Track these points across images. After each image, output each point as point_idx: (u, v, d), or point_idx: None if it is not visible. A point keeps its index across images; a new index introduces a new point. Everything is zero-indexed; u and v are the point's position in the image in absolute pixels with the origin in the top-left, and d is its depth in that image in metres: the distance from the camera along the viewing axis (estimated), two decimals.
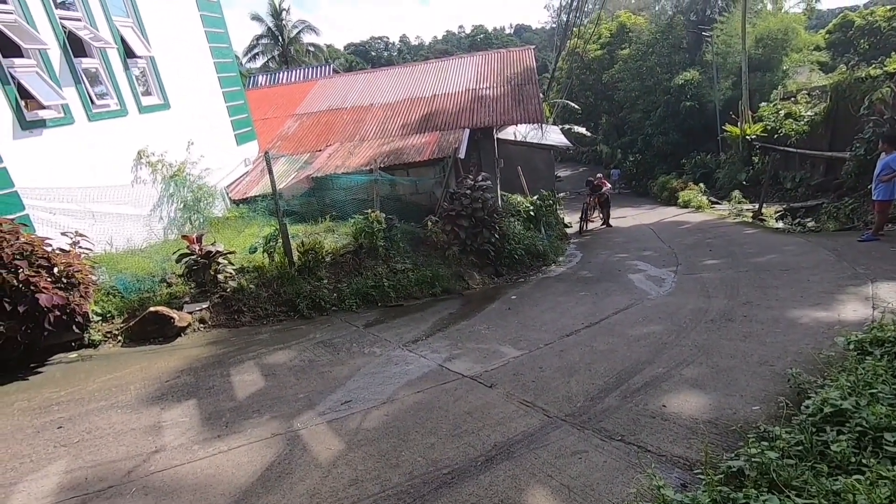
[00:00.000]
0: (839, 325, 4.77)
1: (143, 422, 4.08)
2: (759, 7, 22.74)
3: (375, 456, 3.39)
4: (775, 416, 3.20)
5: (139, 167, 8.90)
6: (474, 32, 78.50)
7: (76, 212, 6.98)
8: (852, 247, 8.10)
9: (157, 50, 9.58)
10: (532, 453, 3.28)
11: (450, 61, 18.31)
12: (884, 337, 3.73)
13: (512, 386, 4.36)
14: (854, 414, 2.82)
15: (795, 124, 15.18)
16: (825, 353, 3.99)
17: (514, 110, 13.43)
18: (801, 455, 2.64)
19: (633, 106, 26.10)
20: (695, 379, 4.12)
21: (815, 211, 12.30)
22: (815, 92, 16.21)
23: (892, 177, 7.98)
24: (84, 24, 8.08)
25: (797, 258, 7.97)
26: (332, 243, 8.11)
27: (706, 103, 21.45)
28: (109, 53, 8.50)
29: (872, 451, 2.52)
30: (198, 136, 10.24)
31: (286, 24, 37.01)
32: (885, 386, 3.06)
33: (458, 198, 9.09)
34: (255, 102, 15.26)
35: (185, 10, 10.83)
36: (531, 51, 17.15)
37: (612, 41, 29.91)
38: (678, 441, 3.23)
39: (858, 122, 11.70)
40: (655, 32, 26.07)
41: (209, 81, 11.38)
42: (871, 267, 6.66)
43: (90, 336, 5.92)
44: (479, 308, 7.26)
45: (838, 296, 5.76)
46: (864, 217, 10.05)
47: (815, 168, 14.34)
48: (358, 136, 13.40)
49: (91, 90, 8.12)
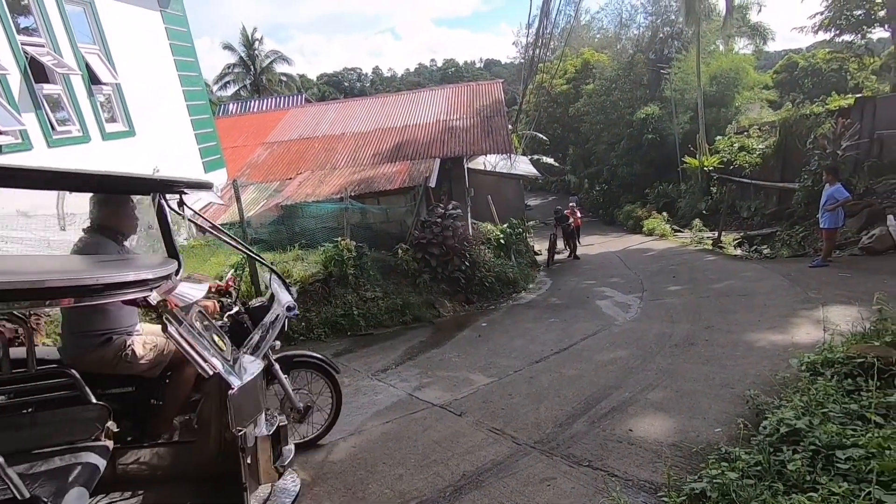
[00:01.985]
0: (793, 348, 4.97)
1: None
2: (712, 48, 24.21)
3: (341, 490, 3.29)
4: (736, 437, 3.28)
5: None
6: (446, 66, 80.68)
7: (31, 240, 6.70)
8: (804, 272, 8.51)
9: (123, 77, 9.48)
10: (501, 482, 3.25)
11: (421, 93, 18.72)
12: (833, 358, 3.90)
13: (481, 414, 4.34)
14: (808, 433, 2.92)
15: (749, 156, 16.04)
16: (781, 374, 4.14)
17: (484, 141, 13.75)
18: (760, 475, 2.71)
19: (599, 138, 27.09)
20: (660, 403, 4.19)
21: (770, 238, 12.90)
22: (765, 127, 17.21)
23: (837, 206, 8.49)
24: (47, 49, 7.96)
25: (754, 284, 8.31)
26: (301, 272, 8.00)
27: (667, 136, 22.47)
28: (73, 80, 8.37)
29: (824, 469, 2.61)
30: (164, 163, 10.06)
31: (258, 54, 37.17)
32: (835, 405, 3.19)
33: (429, 226, 9.16)
34: (226, 130, 15.18)
35: (154, 37, 10.80)
36: (500, 84, 17.73)
37: (577, 76, 31.19)
38: (644, 465, 3.27)
39: (805, 155, 12.47)
40: (618, 69, 27.36)
41: (177, 108, 11.29)
42: (822, 291, 7.00)
43: None
44: (449, 336, 7.24)
45: (792, 319, 6.02)
46: (814, 244, 10.60)
47: (768, 198, 15.10)
48: (329, 165, 13.43)
49: (52, 116, 7.95)
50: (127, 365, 2.77)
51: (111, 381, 2.75)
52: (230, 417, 2.33)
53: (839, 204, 8.46)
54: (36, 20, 7.94)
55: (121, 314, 2.88)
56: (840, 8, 16.42)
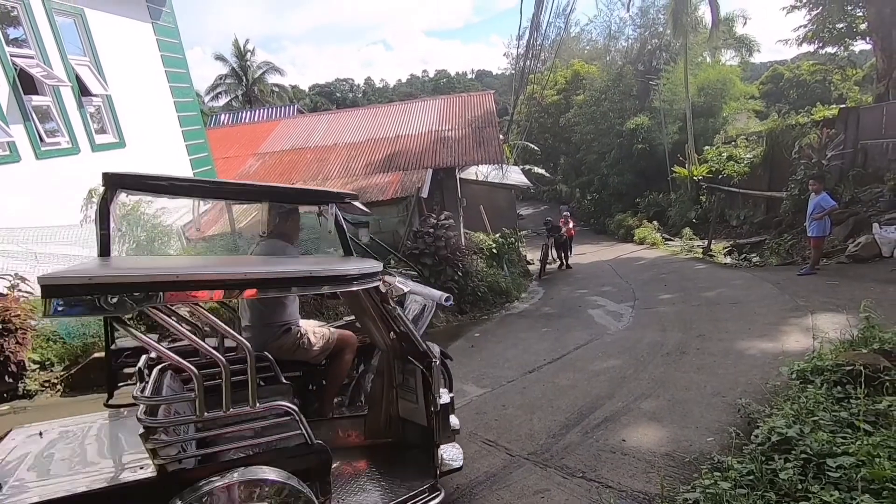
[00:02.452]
0: (783, 356, 5.01)
1: None
2: (699, 60, 24.62)
3: None
4: (728, 446, 3.29)
5: (90, 206, 8.57)
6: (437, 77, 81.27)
7: (17, 253, 6.62)
8: (793, 281, 8.60)
9: (114, 88, 9.44)
10: (494, 494, 3.23)
11: (413, 104, 18.83)
12: (823, 366, 3.93)
13: (475, 425, 4.31)
14: (799, 441, 2.94)
15: (737, 166, 16.27)
16: (771, 382, 4.17)
17: (476, 151, 13.83)
18: (753, 484, 2.72)
19: (589, 148, 27.35)
20: (652, 412, 4.20)
21: (759, 247, 13.05)
22: (752, 137, 17.50)
23: (824, 215, 8.62)
24: (37, 61, 7.92)
25: (744, 292, 8.38)
26: None
27: (656, 146, 22.74)
28: (63, 91, 8.32)
29: (816, 477, 2.63)
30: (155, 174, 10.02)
31: (250, 65, 37.24)
32: (825, 413, 3.21)
33: (422, 236, 9.17)
34: (217, 141, 15.13)
35: (145, 49, 10.79)
36: (491, 95, 17.87)
37: (567, 87, 31.55)
38: (637, 476, 3.27)
39: (791, 164, 12.67)
40: (607, 80, 27.72)
41: (168, 119, 11.25)
42: (810, 299, 7.08)
43: (25, 386, 5.50)
44: (442, 346, 7.20)
45: (782, 327, 6.07)
46: (802, 252, 10.74)
47: (757, 206, 15.30)
48: (321, 175, 13.42)
49: (41, 128, 7.88)
50: (303, 351, 3.20)
51: (284, 367, 3.11)
52: (434, 386, 2.79)
53: (826, 212, 8.59)
54: (25, 31, 7.90)
55: (293, 308, 3.30)
56: (823, 21, 16.78)
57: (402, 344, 3.01)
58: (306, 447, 2.27)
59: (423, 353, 2.87)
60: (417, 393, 3.01)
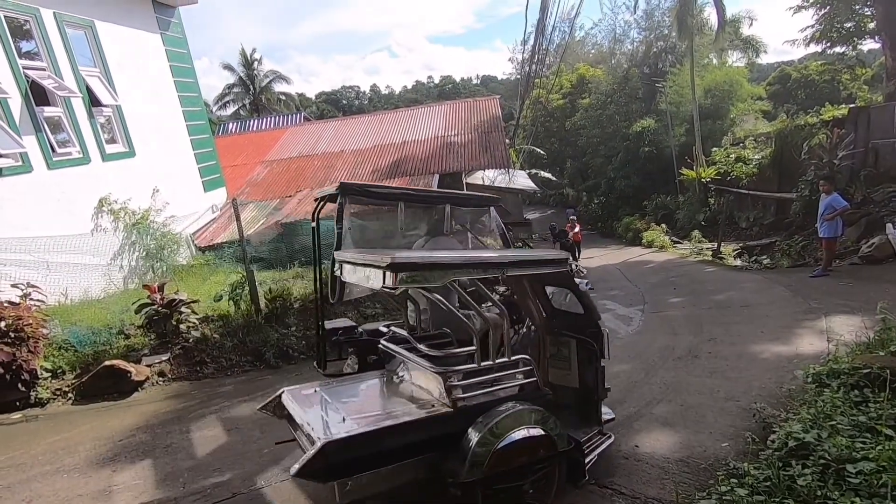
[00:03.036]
0: (797, 359, 4.93)
1: (92, 486, 3.79)
2: (705, 61, 24.53)
3: None
4: (744, 452, 3.23)
5: (100, 215, 8.68)
6: (443, 82, 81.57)
7: (30, 262, 6.70)
8: (805, 283, 8.48)
9: (124, 99, 9.57)
10: None
11: (419, 110, 18.90)
12: (839, 369, 3.86)
13: None
14: (817, 447, 2.88)
15: (745, 167, 16.14)
16: (786, 386, 4.10)
17: (482, 156, 13.85)
18: (770, 491, 2.66)
19: (596, 151, 27.28)
20: (665, 417, 4.14)
21: (770, 249, 12.90)
22: (760, 138, 17.36)
23: (835, 216, 8.51)
24: (48, 73, 8.05)
25: (755, 294, 8.28)
26: (301, 289, 7.97)
27: (663, 149, 22.63)
28: (74, 102, 8.45)
29: (835, 484, 2.57)
30: (164, 183, 10.12)
31: (257, 74, 37.62)
32: (843, 417, 3.15)
33: None
34: (225, 149, 15.27)
35: (154, 60, 10.93)
36: (496, 100, 17.92)
37: (573, 91, 31.53)
38: (651, 482, 3.21)
39: (801, 165, 12.54)
40: (613, 83, 27.68)
41: (177, 129, 11.38)
42: (824, 301, 6.98)
43: (37, 394, 5.54)
44: None
45: (795, 330, 5.98)
46: (814, 254, 10.59)
47: (766, 208, 15.15)
48: (329, 182, 13.49)
49: (52, 138, 8.00)
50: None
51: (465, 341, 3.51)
52: (606, 350, 3.35)
53: (837, 213, 8.48)
54: (37, 44, 8.04)
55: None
56: (831, 21, 16.67)
57: (553, 320, 3.58)
58: (537, 389, 3.00)
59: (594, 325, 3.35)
60: (571, 360, 3.44)
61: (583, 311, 3.40)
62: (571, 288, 3.37)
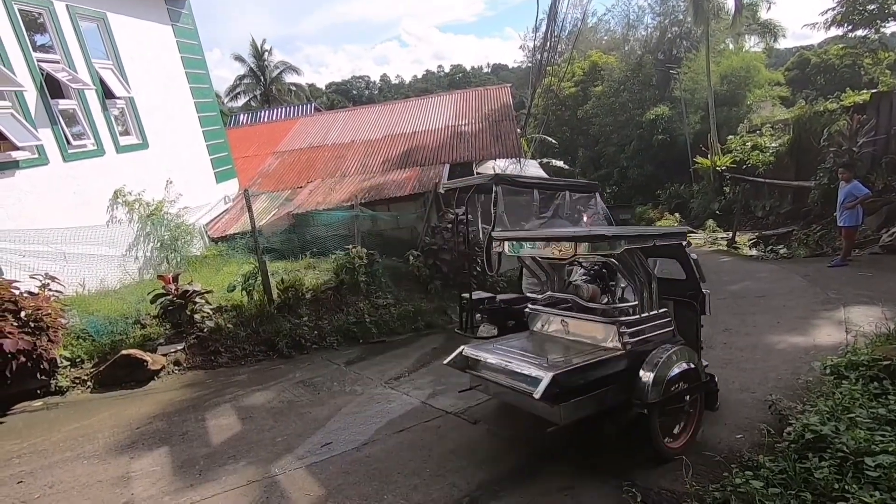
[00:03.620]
0: (815, 350, 4.85)
1: (111, 473, 3.87)
2: (721, 47, 24.03)
3: (357, 500, 3.26)
4: (758, 444, 3.20)
5: (115, 207, 8.78)
6: (453, 71, 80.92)
7: (47, 253, 6.81)
8: (823, 272, 8.33)
9: (136, 90, 9.63)
10: (519, 491, 3.20)
11: (429, 99, 18.78)
12: (858, 361, 3.80)
13: (497, 421, 4.28)
14: (834, 439, 2.84)
15: (762, 155, 15.84)
16: (803, 378, 4.04)
17: (493, 146, 13.73)
18: (786, 483, 2.63)
19: (608, 140, 26.97)
20: None
21: (786, 238, 12.68)
22: (778, 125, 17.00)
23: (856, 204, 8.32)
24: (62, 66, 8.11)
25: (771, 285, 8.15)
26: (313, 280, 8.02)
27: (677, 137, 22.29)
28: (88, 94, 8.51)
29: (854, 477, 2.53)
30: (177, 174, 10.20)
31: (268, 65, 37.62)
32: (862, 410, 3.10)
33: (440, 232, 9.14)
34: (237, 141, 15.33)
35: (167, 52, 10.97)
36: (507, 88, 17.72)
37: (585, 79, 31.11)
38: (664, 473, 3.20)
39: (820, 152, 12.27)
40: (626, 71, 27.26)
41: (189, 120, 11.44)
42: (842, 292, 6.85)
43: (57, 382, 5.66)
44: (463, 342, 7.17)
45: (812, 321, 5.89)
46: (833, 243, 10.40)
47: (783, 197, 14.87)
48: (339, 173, 13.50)
49: (67, 131, 8.08)
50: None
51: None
52: (707, 308, 3.90)
53: (858, 201, 8.29)
54: (51, 37, 8.10)
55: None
56: (853, 3, 16.16)
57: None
58: (673, 335, 3.63)
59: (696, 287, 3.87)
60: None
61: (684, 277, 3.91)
62: (685, 257, 3.87)
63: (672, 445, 3.42)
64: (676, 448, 3.43)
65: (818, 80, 28.86)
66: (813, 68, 29.96)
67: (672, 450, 3.39)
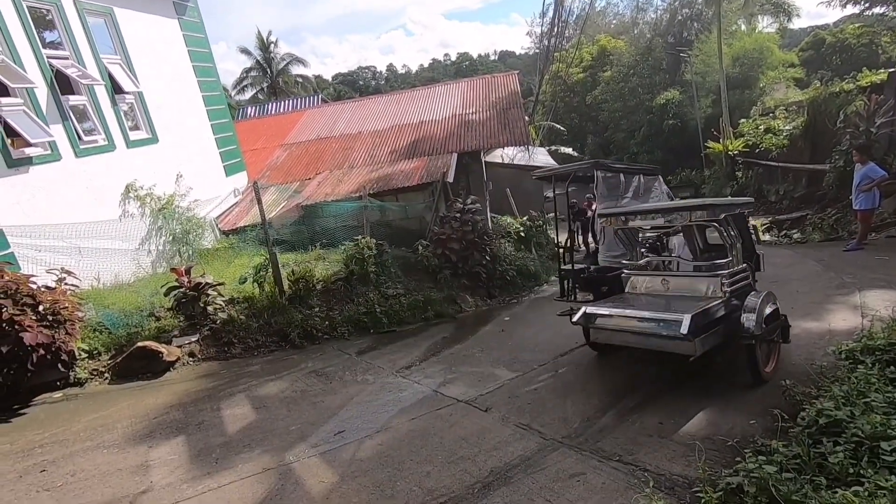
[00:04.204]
0: (830, 335, 4.79)
1: (130, 461, 3.96)
2: (733, 28, 23.52)
3: (370, 487, 3.31)
4: (772, 430, 3.17)
5: (127, 201, 8.88)
6: (460, 60, 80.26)
7: (63, 248, 6.92)
8: (838, 257, 8.20)
9: (145, 85, 9.67)
10: (529, 478, 3.22)
11: (436, 88, 18.65)
12: (874, 345, 3.75)
13: (507, 409, 4.30)
14: (849, 424, 2.81)
15: (775, 139, 15.53)
16: (818, 363, 4.00)
17: (501, 133, 13.63)
18: (800, 468, 2.62)
19: (618, 126, 26.65)
20: (691, 394, 4.09)
21: (800, 222, 12.48)
22: (792, 107, 16.66)
23: (872, 186, 8.15)
24: (72, 62, 8.17)
25: (785, 270, 8.04)
26: (323, 271, 8.07)
27: (688, 121, 21.95)
28: (97, 90, 8.57)
29: (869, 462, 2.51)
30: (186, 168, 10.27)
31: (274, 57, 37.61)
32: (878, 394, 3.06)
33: (448, 221, 9.13)
34: (245, 133, 15.38)
35: (174, 46, 10.99)
36: (515, 75, 17.53)
37: (593, 64, 30.68)
38: (676, 459, 3.20)
39: (836, 134, 12.00)
40: (635, 55, 26.83)
41: (197, 114, 11.49)
42: (858, 276, 6.74)
43: (76, 374, 5.79)
44: (472, 331, 7.21)
45: (827, 306, 5.81)
46: (848, 227, 10.21)
47: (797, 180, 14.61)
48: (347, 164, 13.50)
49: (78, 126, 8.16)
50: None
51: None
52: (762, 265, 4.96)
53: (875, 183, 8.11)
54: (60, 34, 8.15)
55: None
56: None
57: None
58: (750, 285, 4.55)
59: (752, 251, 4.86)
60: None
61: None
62: (746, 223, 4.73)
63: (767, 370, 4.16)
64: (769, 372, 4.17)
65: (834, 60, 28.15)
66: (828, 48, 29.20)
67: (766, 374, 4.12)
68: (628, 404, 4.08)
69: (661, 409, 3.89)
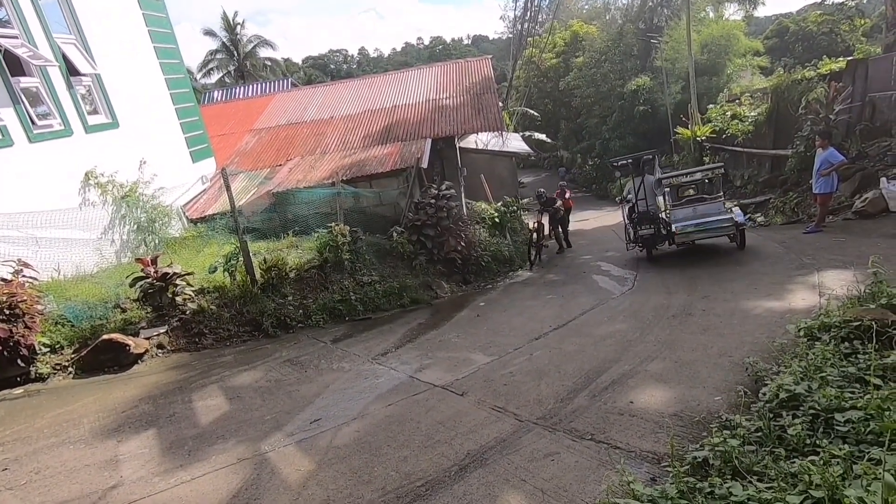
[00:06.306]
0: (790, 314, 5.00)
1: (98, 457, 3.86)
2: (702, 15, 23.82)
3: (347, 473, 3.31)
4: (736, 405, 3.31)
5: (87, 189, 8.51)
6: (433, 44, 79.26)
7: (18, 239, 6.59)
8: (798, 239, 8.54)
9: (103, 67, 9.22)
10: (505, 459, 3.28)
11: (409, 73, 18.39)
12: (830, 322, 3.92)
13: (483, 393, 4.36)
14: (807, 398, 2.94)
15: (741, 125, 15.92)
16: (778, 341, 4.17)
17: (475, 119, 13.59)
18: (761, 441, 2.74)
19: (590, 112, 26.83)
20: (659, 374, 4.22)
21: (764, 206, 12.90)
22: (757, 94, 17.06)
23: (831, 171, 8.47)
24: (21, 41, 7.70)
25: (749, 253, 8.33)
26: (296, 259, 7.95)
27: (658, 107, 22.27)
28: (51, 71, 8.13)
29: (825, 432, 2.64)
30: (150, 154, 9.89)
31: (241, 39, 36.34)
32: (833, 369, 3.21)
33: (423, 207, 9.09)
34: (212, 118, 14.88)
35: (132, 25, 10.49)
36: (488, 60, 17.43)
37: (566, 50, 30.70)
38: (646, 436, 3.30)
39: (797, 120, 12.37)
40: (607, 41, 26.94)
41: (161, 98, 11.04)
42: (817, 257, 7.04)
43: (37, 369, 5.57)
44: (448, 316, 7.25)
45: (788, 286, 6.05)
46: (808, 210, 10.61)
47: (761, 166, 15.06)
48: (319, 150, 13.24)
49: (31, 110, 7.74)
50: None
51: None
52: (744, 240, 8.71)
53: (834, 168, 8.44)
54: (7, 11, 7.66)
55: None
56: None
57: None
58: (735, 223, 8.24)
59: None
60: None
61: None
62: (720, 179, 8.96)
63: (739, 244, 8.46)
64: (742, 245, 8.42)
65: (796, 48, 28.96)
66: (791, 36, 30.01)
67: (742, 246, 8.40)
68: (601, 385, 4.18)
69: (632, 389, 4.01)
